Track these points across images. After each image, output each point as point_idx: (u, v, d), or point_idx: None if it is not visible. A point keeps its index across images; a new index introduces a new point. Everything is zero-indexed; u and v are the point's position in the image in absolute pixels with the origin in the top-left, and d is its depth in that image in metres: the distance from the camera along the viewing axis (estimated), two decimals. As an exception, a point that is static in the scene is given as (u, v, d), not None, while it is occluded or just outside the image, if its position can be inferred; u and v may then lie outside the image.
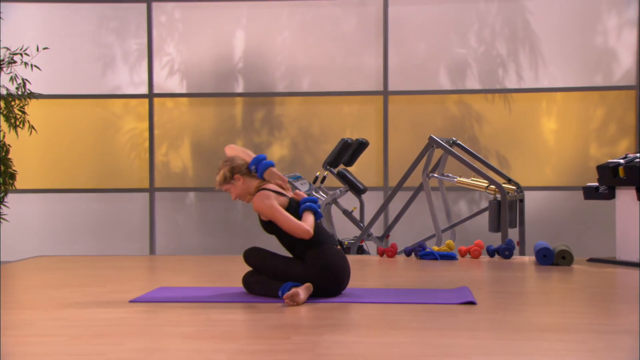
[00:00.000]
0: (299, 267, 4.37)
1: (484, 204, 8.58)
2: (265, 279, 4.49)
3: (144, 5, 8.97)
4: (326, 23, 8.88)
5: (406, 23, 8.74)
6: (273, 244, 4.76)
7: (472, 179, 7.31)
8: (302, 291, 4.23)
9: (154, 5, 8.97)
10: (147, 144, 8.99)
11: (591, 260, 6.17)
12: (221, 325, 3.75)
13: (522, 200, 7.26)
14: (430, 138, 7.17)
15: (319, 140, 8.87)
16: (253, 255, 4.54)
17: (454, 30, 8.72)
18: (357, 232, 7.96)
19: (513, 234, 7.41)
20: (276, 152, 8.93)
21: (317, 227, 4.45)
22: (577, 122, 8.58)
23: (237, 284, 5.00)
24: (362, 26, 8.82)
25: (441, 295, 4.43)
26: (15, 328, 3.72)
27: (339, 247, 4.48)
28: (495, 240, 7.49)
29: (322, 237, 4.41)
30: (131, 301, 4.44)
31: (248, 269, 4.74)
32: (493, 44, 8.67)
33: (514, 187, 7.16)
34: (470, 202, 8.64)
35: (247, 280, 4.61)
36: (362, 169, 8.55)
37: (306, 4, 8.87)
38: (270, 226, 4.46)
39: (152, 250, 8.94)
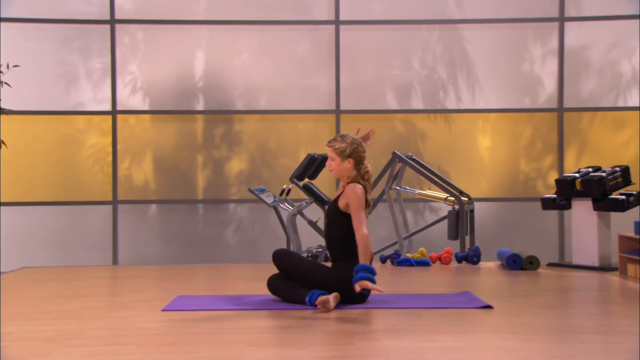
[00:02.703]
0: (330, 275, 4.33)
1: (429, 215, 8.74)
2: (292, 285, 4.42)
3: (107, 27, 8.68)
4: (282, 46, 8.85)
5: (356, 47, 8.82)
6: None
7: (429, 190, 7.43)
8: (332, 299, 4.20)
9: (117, 26, 8.69)
10: (110, 159, 8.71)
11: (550, 265, 6.37)
12: (273, 333, 3.69)
13: (472, 211, 7.42)
14: (394, 153, 7.27)
15: (276, 155, 8.83)
16: (284, 258, 4.44)
17: (399, 55, 8.86)
18: (321, 241, 7.95)
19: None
20: (235, 166, 8.82)
21: (354, 248, 4.39)
22: (508, 140, 8.87)
23: (248, 292, 4.90)
24: (316, 49, 8.84)
25: (453, 299, 4.49)
26: (73, 338, 3.56)
27: None
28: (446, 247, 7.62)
29: (354, 253, 4.40)
30: (164, 310, 4.29)
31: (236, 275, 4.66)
32: (435, 68, 8.86)
33: (466, 199, 7.32)
34: (415, 213, 8.78)
35: (273, 283, 4.52)
36: (316, 181, 8.53)
37: (263, 27, 8.82)
38: (337, 212, 4.39)
39: (114, 261, 8.64)
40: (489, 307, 4.21)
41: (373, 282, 4.10)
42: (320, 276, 4.36)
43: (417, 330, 3.65)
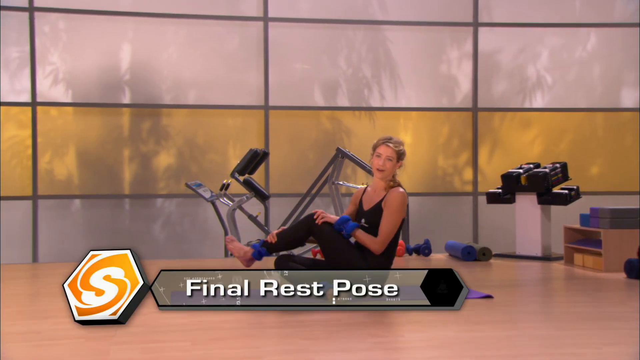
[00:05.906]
0: (361, 260, 4.25)
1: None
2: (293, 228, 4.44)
3: (25, 14, 8.13)
4: (210, 40, 8.65)
5: (285, 44, 8.77)
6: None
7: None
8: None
9: (37, 14, 8.16)
10: (29, 152, 8.17)
11: (496, 255, 6.61)
12: (315, 327, 3.62)
13: (407, 205, 7.57)
14: (338, 149, 7.30)
15: (204, 150, 8.62)
16: (315, 226, 4.28)
17: (326, 53, 8.88)
18: (260, 235, 7.86)
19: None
20: (163, 160, 8.53)
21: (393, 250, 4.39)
22: (428, 137, 9.12)
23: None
24: (245, 45, 8.70)
25: (451, 290, 4.54)
26: (113, 335, 3.32)
27: None
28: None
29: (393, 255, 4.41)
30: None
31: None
32: (360, 67, 8.97)
33: (404, 193, 7.45)
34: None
35: (282, 263, 4.34)
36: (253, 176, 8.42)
37: (191, 21, 8.57)
38: (375, 215, 4.34)
39: (34, 258, 8.12)
40: (489, 297, 4.32)
41: (338, 226, 4.26)
42: (350, 255, 4.26)
43: (452, 320, 3.69)
